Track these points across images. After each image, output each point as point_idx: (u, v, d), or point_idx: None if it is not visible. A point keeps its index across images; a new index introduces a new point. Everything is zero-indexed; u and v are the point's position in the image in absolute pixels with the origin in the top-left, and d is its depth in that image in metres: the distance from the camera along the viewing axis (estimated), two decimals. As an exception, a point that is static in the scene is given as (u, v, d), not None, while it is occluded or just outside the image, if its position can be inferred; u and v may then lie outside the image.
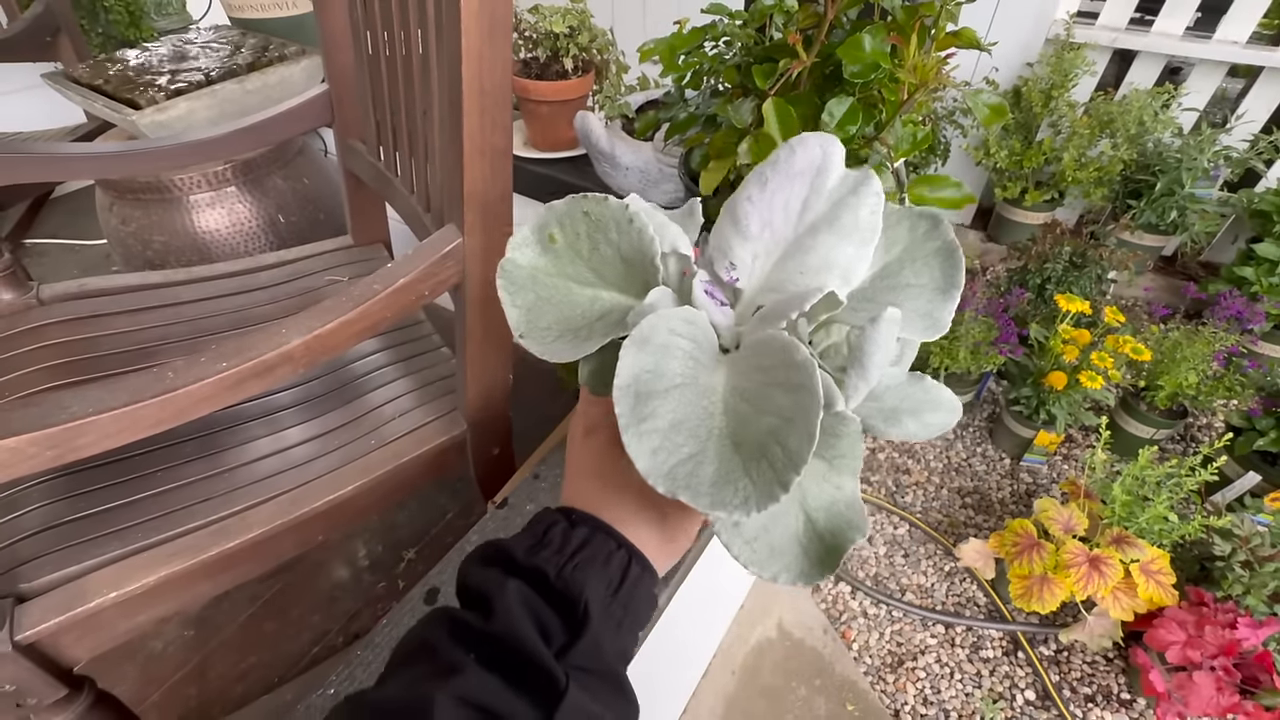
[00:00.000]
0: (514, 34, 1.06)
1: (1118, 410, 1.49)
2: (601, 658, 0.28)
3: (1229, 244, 1.88)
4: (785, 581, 0.27)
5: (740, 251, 0.30)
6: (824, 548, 0.27)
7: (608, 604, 0.29)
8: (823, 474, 0.28)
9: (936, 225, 0.31)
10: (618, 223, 0.30)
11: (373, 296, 0.53)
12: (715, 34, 0.55)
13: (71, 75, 1.17)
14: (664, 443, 0.24)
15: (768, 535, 0.27)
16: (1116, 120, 1.76)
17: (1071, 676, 1.16)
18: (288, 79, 1.23)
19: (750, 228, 0.29)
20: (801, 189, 0.29)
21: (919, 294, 0.30)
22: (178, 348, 0.77)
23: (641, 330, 0.26)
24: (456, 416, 0.72)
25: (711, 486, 0.24)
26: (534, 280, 0.31)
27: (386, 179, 0.78)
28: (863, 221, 0.28)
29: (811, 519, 0.27)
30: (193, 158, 0.81)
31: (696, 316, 0.28)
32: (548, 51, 1.03)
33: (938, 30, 0.38)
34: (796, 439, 0.23)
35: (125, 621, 0.55)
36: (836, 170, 0.29)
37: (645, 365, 0.26)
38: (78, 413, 0.42)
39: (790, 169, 0.29)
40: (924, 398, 0.30)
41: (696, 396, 0.26)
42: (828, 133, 0.30)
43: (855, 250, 0.28)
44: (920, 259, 0.31)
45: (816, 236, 0.29)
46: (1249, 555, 1.06)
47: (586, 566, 0.29)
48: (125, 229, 1.17)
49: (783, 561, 0.27)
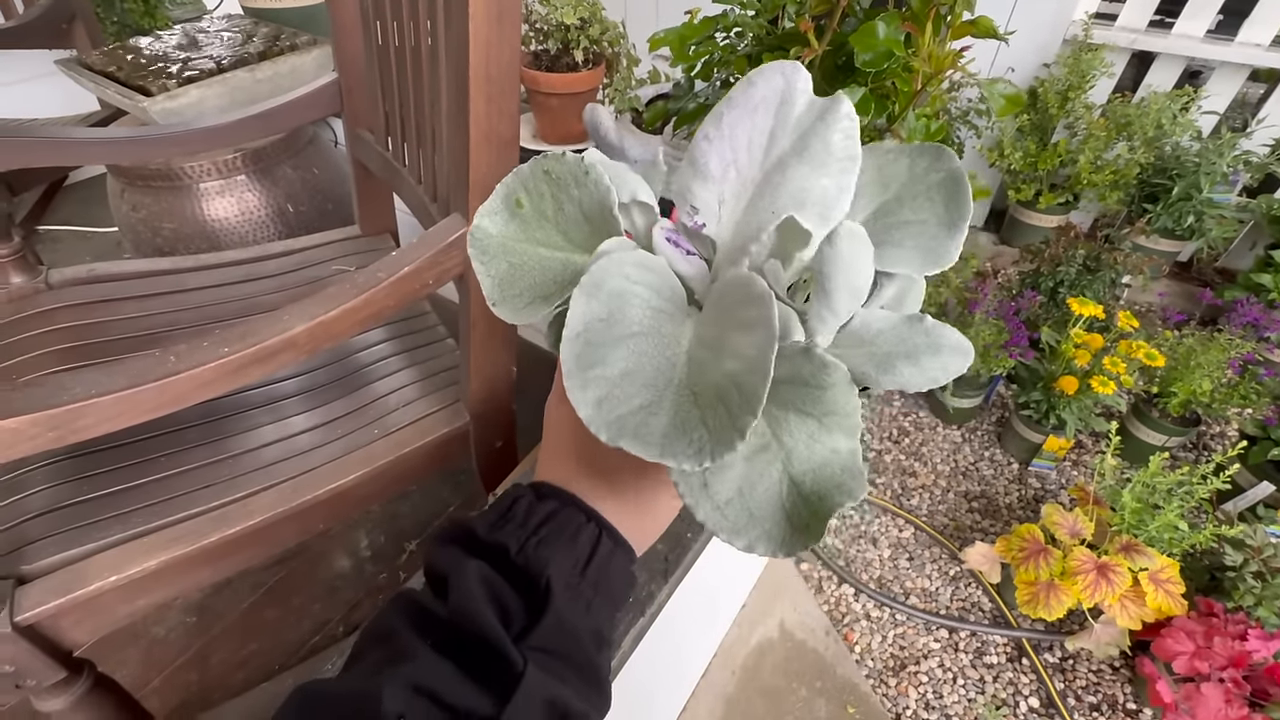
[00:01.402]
0: (525, 26, 1.06)
1: (1129, 416, 1.47)
2: (568, 639, 0.27)
3: (1246, 250, 1.85)
4: (762, 552, 0.24)
5: (702, 194, 0.28)
6: (809, 512, 0.24)
7: (575, 582, 0.28)
8: (812, 433, 0.25)
9: (939, 156, 0.28)
10: (575, 177, 0.29)
11: (377, 284, 0.52)
12: (727, 24, 0.54)
13: (85, 62, 1.18)
14: (612, 391, 0.23)
15: (744, 500, 0.25)
16: (1134, 123, 1.74)
17: (1076, 685, 1.14)
18: (299, 68, 1.23)
19: (710, 168, 0.27)
20: (765, 121, 0.27)
21: (920, 230, 0.28)
22: (185, 334, 0.77)
23: (592, 275, 0.24)
24: (460, 408, 0.72)
25: (663, 437, 0.22)
26: (504, 248, 0.30)
27: (394, 169, 0.78)
28: (835, 148, 0.26)
29: (797, 482, 0.25)
30: (203, 144, 0.81)
31: (653, 262, 0.27)
32: (558, 44, 1.02)
33: (954, 18, 0.37)
34: (752, 379, 0.21)
35: (126, 605, 0.55)
36: (803, 98, 0.27)
37: (596, 313, 0.24)
38: (79, 395, 0.42)
39: (749, 101, 0.27)
40: (924, 341, 0.27)
41: (657, 347, 0.25)
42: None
43: (833, 181, 0.26)
44: (921, 194, 0.28)
45: (786, 170, 0.27)
46: (1261, 566, 1.05)
47: (551, 541, 0.28)
48: (136, 215, 1.17)
49: (761, 529, 0.24)
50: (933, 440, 1.61)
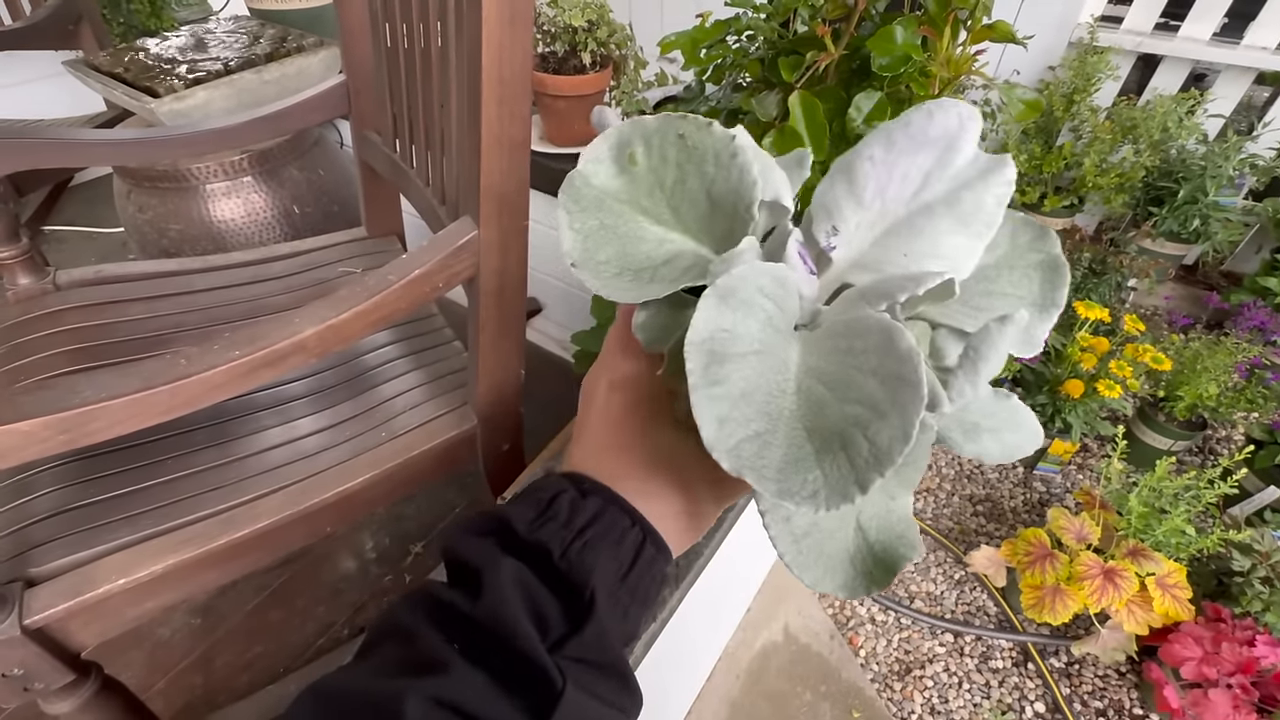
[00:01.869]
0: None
1: (1135, 420, 1.47)
2: (606, 649, 0.25)
3: (1253, 253, 1.84)
4: (827, 589, 0.25)
5: (850, 215, 0.26)
6: (874, 562, 0.25)
7: (616, 590, 0.26)
8: (885, 486, 0.26)
9: (1043, 236, 0.28)
10: (718, 155, 0.26)
11: (387, 287, 0.52)
12: (739, 27, 0.54)
13: (92, 63, 1.18)
14: (733, 413, 0.22)
15: (818, 536, 0.25)
16: (1139, 126, 1.74)
17: (1083, 690, 1.14)
18: (305, 70, 1.23)
19: (865, 192, 0.26)
20: (926, 161, 0.26)
21: (1016, 305, 0.27)
22: (192, 335, 0.77)
23: (729, 281, 0.23)
24: (467, 411, 0.71)
25: (779, 472, 0.21)
26: (600, 204, 0.27)
27: (402, 171, 0.78)
28: (985, 211, 0.25)
29: (863, 529, 0.25)
30: (209, 146, 0.81)
31: (788, 278, 0.25)
32: (566, 45, 1.02)
33: (974, 22, 0.37)
34: (889, 435, 0.20)
35: (133, 608, 0.54)
36: (969, 147, 0.25)
37: (724, 323, 0.23)
38: (90, 398, 0.42)
39: (923, 135, 0.25)
40: (1007, 417, 0.27)
41: (770, 369, 0.23)
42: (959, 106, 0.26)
43: (968, 242, 0.25)
44: (1020, 269, 0.28)
45: (932, 218, 0.25)
46: (1269, 571, 1.04)
47: (597, 545, 0.26)
48: (142, 217, 1.17)
49: (825, 568, 0.25)
50: (935, 442, 1.60)
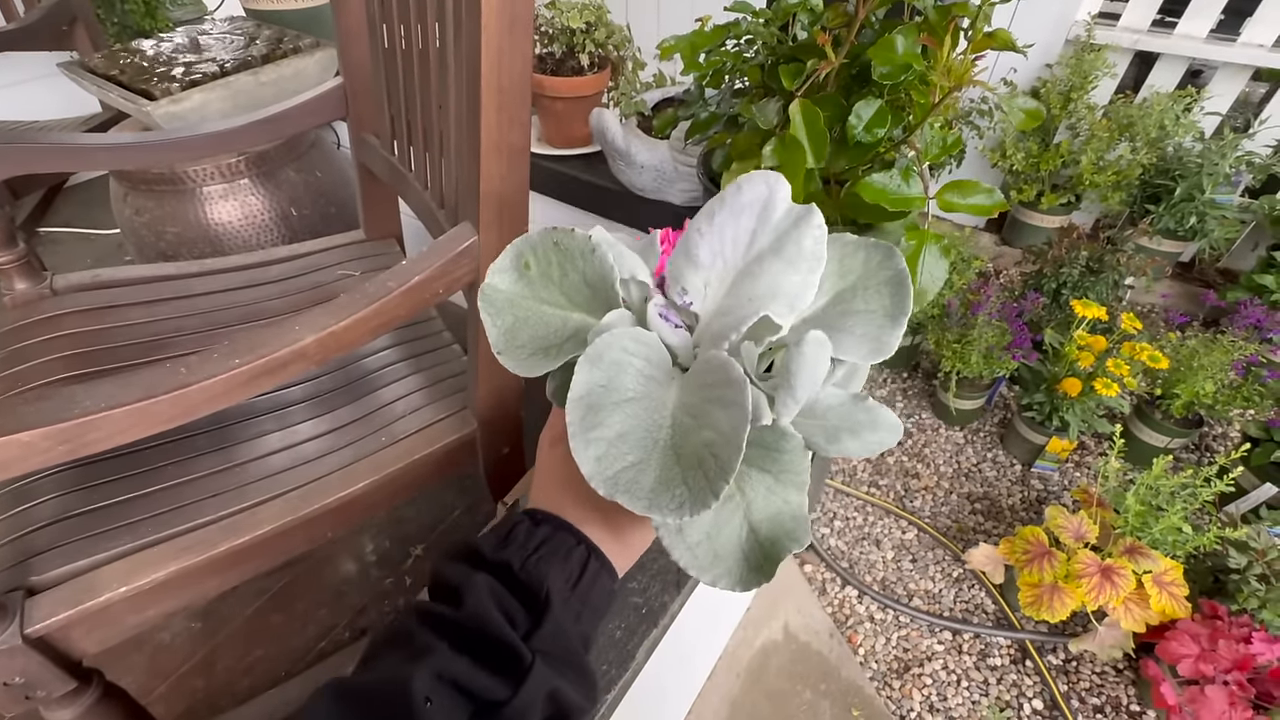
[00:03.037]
0: (529, 29, 1.05)
1: (1132, 418, 1.48)
2: (564, 642, 0.30)
3: (1249, 251, 1.85)
4: (724, 586, 0.29)
5: (692, 278, 0.32)
6: (763, 555, 0.29)
7: (567, 595, 0.31)
8: (769, 487, 0.30)
9: (889, 256, 0.32)
10: (582, 252, 0.33)
11: (387, 294, 0.52)
12: (738, 32, 0.54)
13: (87, 65, 1.17)
14: (608, 451, 0.27)
15: (711, 542, 0.29)
16: (1136, 123, 1.74)
17: (1080, 687, 1.15)
18: (302, 71, 1.22)
19: (700, 256, 0.32)
20: (749, 222, 0.32)
21: (869, 319, 0.32)
22: (191, 340, 0.76)
23: (595, 348, 0.28)
24: (467, 415, 0.71)
25: (650, 492, 0.26)
26: (511, 304, 0.34)
27: (400, 174, 0.77)
28: (806, 251, 0.30)
29: (755, 528, 0.29)
30: (207, 149, 0.81)
31: (647, 337, 0.31)
32: (564, 47, 1.02)
33: (975, 31, 0.37)
34: (727, 451, 0.25)
35: (135, 616, 0.54)
36: (782, 205, 0.31)
37: (597, 380, 0.28)
38: (90, 408, 0.41)
39: (737, 204, 0.31)
40: (865, 418, 0.32)
41: (648, 411, 0.29)
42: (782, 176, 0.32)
43: (801, 278, 0.30)
44: (872, 287, 0.32)
45: (763, 264, 0.31)
46: (1265, 568, 1.05)
47: (549, 559, 0.32)
48: (139, 219, 1.17)
49: (724, 567, 0.29)
50: (935, 442, 1.61)
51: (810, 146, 0.41)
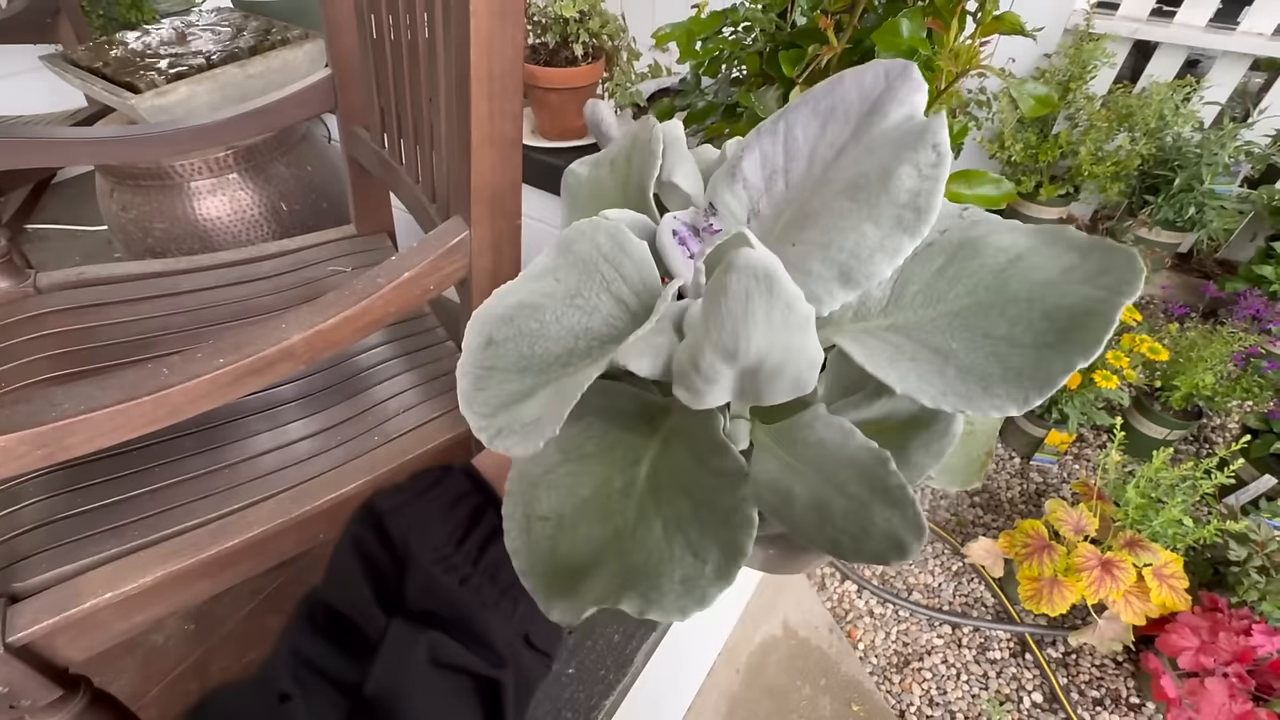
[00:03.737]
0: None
1: (1131, 410, 1.47)
2: (444, 600, 0.25)
3: (1248, 241, 1.84)
4: (525, 583, 0.23)
5: (729, 199, 0.23)
6: (594, 590, 0.22)
7: (445, 552, 0.26)
8: (680, 516, 0.22)
9: (1116, 265, 0.19)
10: (643, 142, 0.27)
11: (376, 291, 0.51)
12: (735, 18, 0.53)
13: (70, 58, 1.15)
14: (508, 340, 0.22)
15: (559, 528, 0.23)
16: (1135, 114, 1.73)
17: (1080, 680, 1.14)
18: (290, 63, 1.20)
19: (745, 170, 0.23)
20: (837, 132, 0.21)
21: (993, 353, 0.19)
22: (178, 338, 0.75)
23: (570, 232, 0.23)
24: (459, 414, 0.70)
25: (502, 404, 0.22)
26: (588, 199, 0.30)
27: (391, 167, 0.76)
28: (897, 189, 0.19)
29: (624, 551, 0.22)
30: (193, 143, 0.79)
31: (632, 245, 0.23)
32: (557, 37, 1.00)
33: (984, 15, 0.36)
34: (573, 389, 0.20)
35: (122, 622, 0.53)
36: (899, 112, 0.20)
37: (555, 268, 0.23)
38: (68, 411, 0.40)
39: (827, 101, 0.21)
40: (859, 493, 0.20)
41: (584, 329, 0.22)
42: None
43: (879, 232, 0.19)
44: (1040, 307, 0.19)
45: (825, 197, 0.20)
46: (1265, 560, 1.04)
47: (427, 506, 0.27)
48: (126, 215, 1.15)
49: (543, 567, 0.22)
50: (934, 435, 1.60)
51: (812, 136, 0.40)
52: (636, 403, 0.24)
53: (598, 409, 0.24)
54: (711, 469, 0.20)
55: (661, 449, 0.23)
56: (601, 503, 0.22)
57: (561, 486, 0.22)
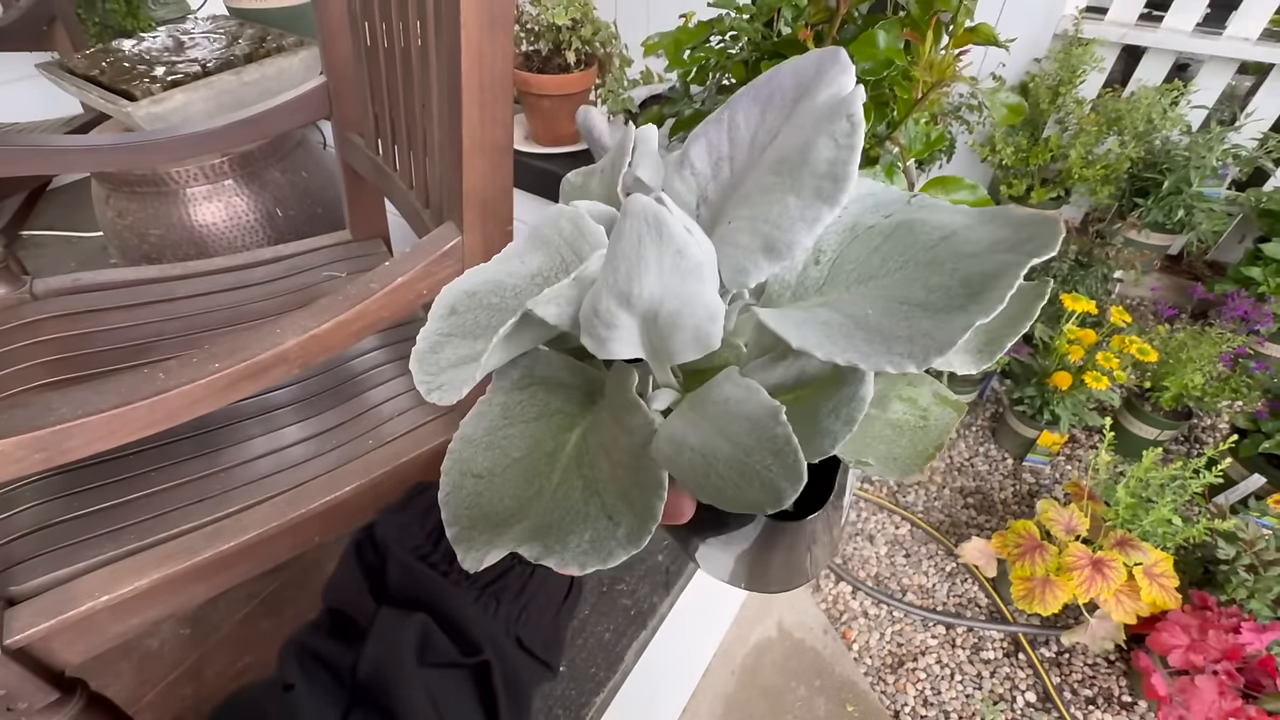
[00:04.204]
0: (515, 26, 1.05)
1: (1122, 411, 1.48)
2: (425, 587, 0.27)
3: (1236, 243, 1.86)
4: (449, 533, 0.24)
5: (678, 186, 0.23)
6: (509, 537, 0.22)
7: (423, 550, 0.28)
8: (599, 478, 0.23)
9: (1036, 232, 0.19)
10: (624, 137, 0.27)
11: (369, 296, 0.52)
12: (722, 28, 0.54)
13: (66, 66, 1.16)
14: (468, 311, 0.24)
15: (491, 485, 0.24)
16: (1124, 117, 1.74)
17: (1073, 679, 1.15)
18: (285, 70, 1.21)
19: (693, 159, 0.23)
20: (774, 118, 0.21)
21: (899, 313, 0.19)
22: (173, 344, 0.75)
23: (537, 221, 0.25)
24: (455, 417, 0.71)
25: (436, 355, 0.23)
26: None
27: (385, 173, 0.77)
28: (816, 161, 0.18)
29: (544, 511, 0.23)
30: (189, 151, 0.80)
31: (590, 229, 0.24)
32: (549, 44, 1.01)
33: (956, 26, 0.37)
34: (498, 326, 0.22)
35: (118, 625, 0.54)
36: (826, 91, 0.20)
37: (520, 250, 0.25)
38: (66, 415, 0.41)
39: (767, 88, 0.21)
40: (758, 449, 0.19)
41: (523, 303, 0.22)
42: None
43: (800, 203, 0.19)
44: (959, 274, 0.19)
45: (756, 176, 0.21)
46: (1253, 559, 1.06)
47: (409, 513, 0.29)
48: (121, 222, 1.15)
49: (465, 517, 0.24)
50: (928, 436, 1.61)
51: (793, 143, 0.41)
52: (582, 376, 0.25)
53: (543, 379, 0.25)
54: (625, 427, 0.21)
55: (594, 418, 0.24)
56: (531, 464, 0.23)
57: (497, 448, 0.23)
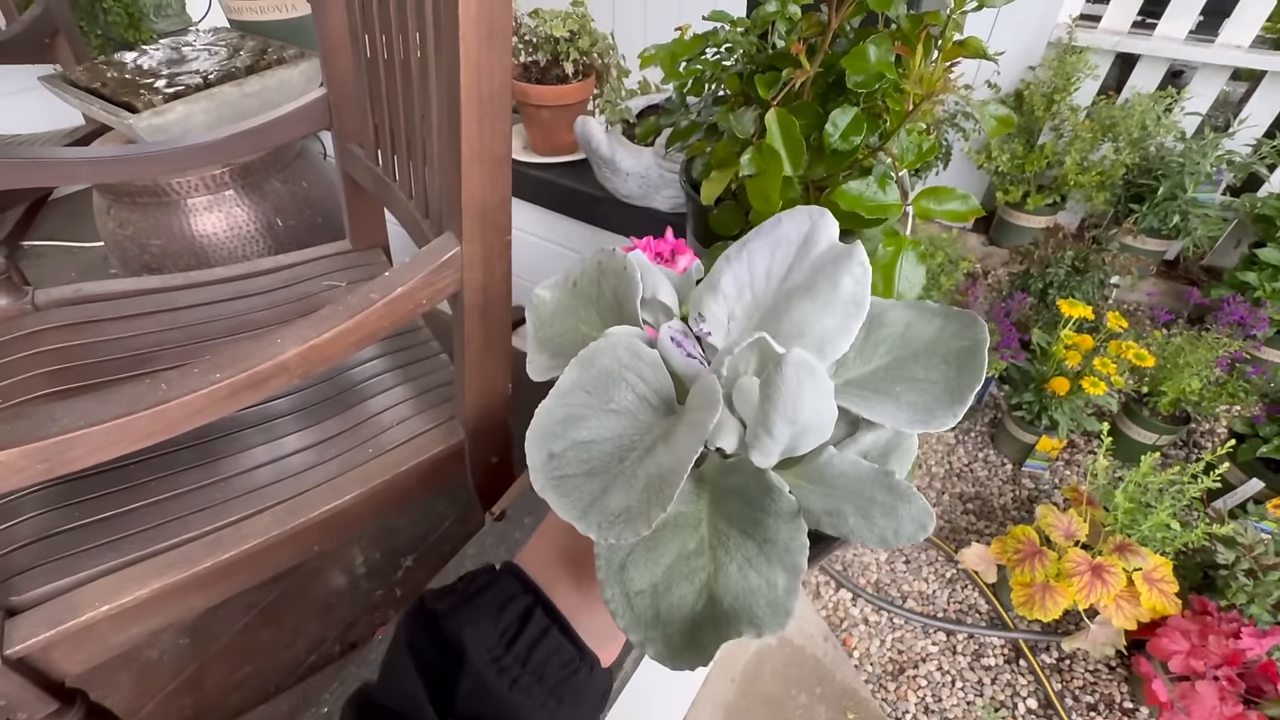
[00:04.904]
0: (514, 38, 1.06)
1: (1120, 416, 1.49)
2: (495, 704, 0.26)
3: (1232, 248, 1.87)
4: (651, 654, 0.25)
5: (713, 307, 0.30)
6: (712, 631, 0.25)
7: (499, 654, 0.27)
8: (749, 557, 0.26)
9: (970, 325, 0.29)
10: (616, 270, 0.32)
11: (369, 305, 0.52)
12: (717, 41, 0.55)
13: (69, 78, 1.17)
14: (566, 451, 0.26)
15: (656, 596, 0.26)
16: (1119, 124, 1.76)
17: (1074, 685, 1.15)
18: (286, 82, 1.22)
19: (723, 285, 0.30)
20: (784, 255, 0.29)
21: (924, 389, 0.28)
22: (174, 354, 0.76)
23: (589, 351, 0.27)
24: (455, 425, 0.71)
25: (587, 505, 0.24)
26: (554, 317, 0.34)
27: (385, 184, 0.77)
28: (843, 292, 0.27)
29: (715, 598, 0.25)
30: (190, 162, 0.81)
31: (646, 353, 0.29)
32: (548, 55, 1.02)
33: (945, 40, 0.37)
34: (672, 473, 0.23)
35: (119, 634, 0.54)
36: (824, 242, 0.29)
37: (582, 382, 0.27)
38: (68, 425, 0.41)
39: (773, 236, 0.30)
40: (882, 497, 0.26)
41: (630, 429, 0.27)
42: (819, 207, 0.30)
43: (836, 323, 0.27)
44: (938, 356, 0.29)
45: (792, 302, 0.28)
46: (1253, 563, 1.06)
47: (478, 608, 0.28)
48: (123, 232, 1.16)
49: (660, 632, 0.25)
50: (926, 442, 1.62)
51: (787, 154, 0.41)
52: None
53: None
54: (769, 511, 0.26)
55: (712, 509, 0.28)
56: (682, 566, 0.26)
57: (644, 563, 0.26)
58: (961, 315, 0.30)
